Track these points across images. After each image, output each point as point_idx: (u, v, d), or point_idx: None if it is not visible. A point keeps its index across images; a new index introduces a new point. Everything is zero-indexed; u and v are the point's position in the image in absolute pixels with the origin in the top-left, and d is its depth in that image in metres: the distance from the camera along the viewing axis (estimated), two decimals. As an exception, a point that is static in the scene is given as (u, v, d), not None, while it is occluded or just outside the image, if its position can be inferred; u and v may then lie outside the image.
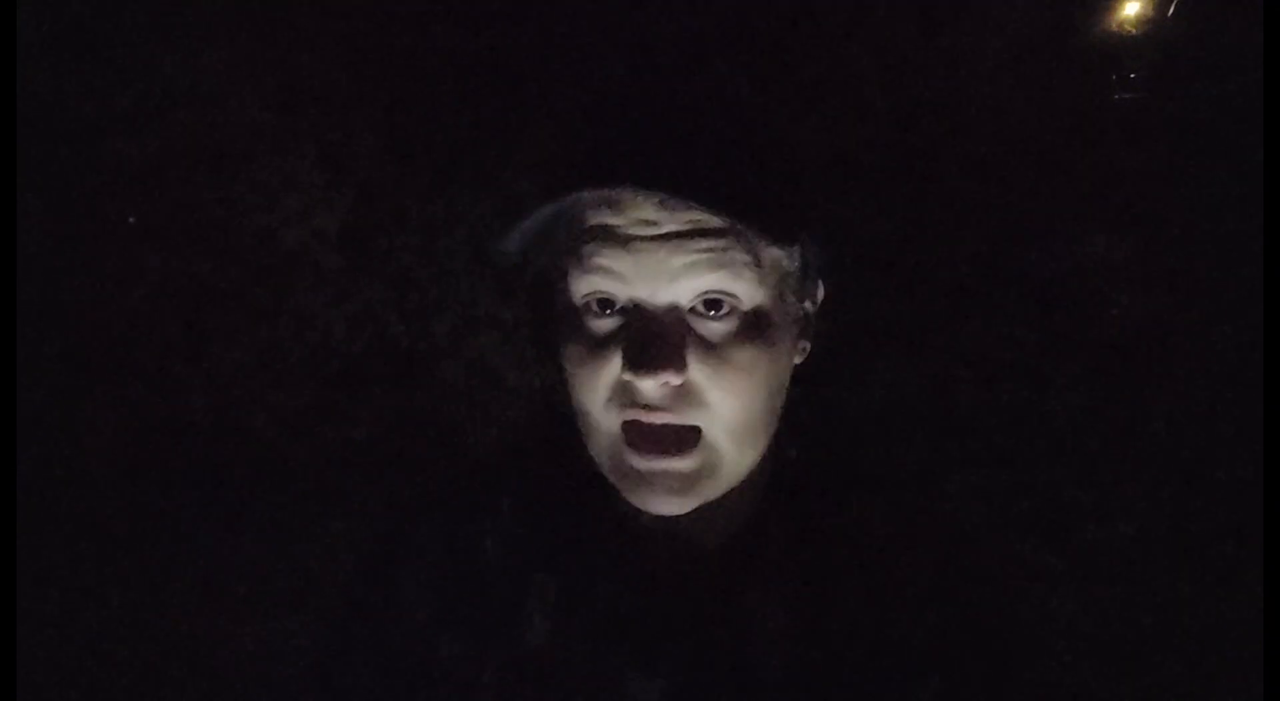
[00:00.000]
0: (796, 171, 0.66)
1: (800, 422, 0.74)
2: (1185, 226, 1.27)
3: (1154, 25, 1.25)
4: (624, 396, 0.58)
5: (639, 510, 0.63)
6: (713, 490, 0.61)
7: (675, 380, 0.57)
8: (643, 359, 0.56)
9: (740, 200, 0.55)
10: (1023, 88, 1.28)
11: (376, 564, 0.71)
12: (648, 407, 0.57)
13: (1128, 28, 1.26)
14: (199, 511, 1.40)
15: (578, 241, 0.59)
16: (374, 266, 1.41)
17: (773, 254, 0.59)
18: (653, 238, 0.57)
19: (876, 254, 1.32)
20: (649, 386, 0.56)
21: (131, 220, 1.39)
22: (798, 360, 0.67)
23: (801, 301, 0.65)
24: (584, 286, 0.59)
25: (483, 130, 1.37)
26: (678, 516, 0.61)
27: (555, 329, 0.64)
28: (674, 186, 0.53)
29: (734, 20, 1.28)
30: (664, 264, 0.56)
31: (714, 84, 0.66)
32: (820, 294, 0.69)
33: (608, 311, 0.59)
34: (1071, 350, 1.31)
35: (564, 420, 0.67)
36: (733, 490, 0.64)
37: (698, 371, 0.58)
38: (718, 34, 1.29)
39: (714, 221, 0.56)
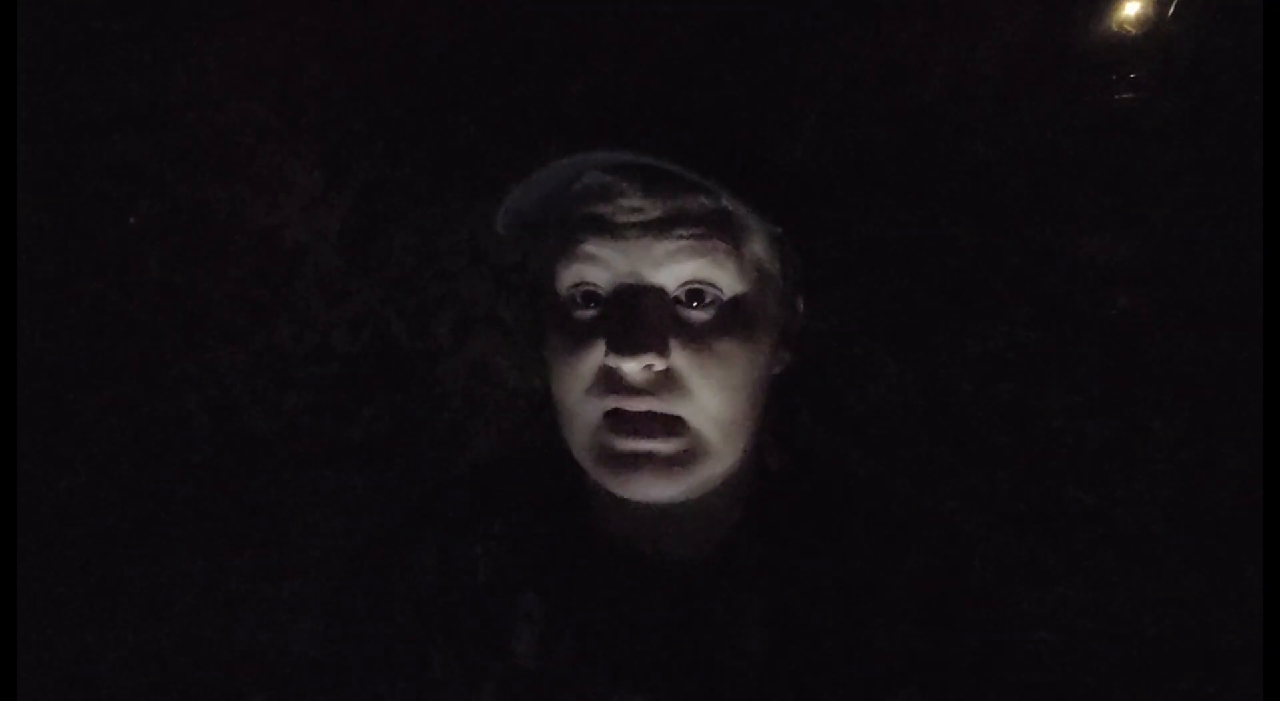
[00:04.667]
0: (785, 154, 0.67)
1: (783, 434, 0.73)
2: (1185, 226, 1.28)
3: (1154, 25, 1.25)
4: (606, 384, 0.58)
5: (620, 511, 0.62)
6: (697, 478, 0.60)
7: (658, 364, 0.57)
8: (625, 341, 0.56)
9: (726, 167, 0.55)
10: (1022, 88, 1.28)
11: (368, 581, 0.71)
12: (630, 393, 0.57)
13: (1128, 28, 1.26)
14: (196, 511, 1.40)
15: (567, 234, 0.60)
16: (374, 266, 1.41)
17: (754, 249, 0.60)
18: (638, 224, 0.57)
19: (875, 253, 1.33)
20: (631, 368, 0.56)
21: (132, 220, 1.39)
22: (777, 370, 0.67)
23: (784, 307, 0.65)
24: (570, 276, 0.60)
25: (482, 130, 1.37)
26: (661, 528, 0.61)
27: (541, 324, 0.65)
28: (662, 148, 0.54)
29: (732, 15, 1.28)
30: (648, 250, 0.57)
31: (707, 71, 0.68)
32: (801, 307, 0.69)
33: (592, 303, 0.59)
34: (1071, 350, 1.31)
35: (554, 427, 0.67)
36: (714, 501, 0.64)
37: (680, 358, 0.58)
38: (715, 28, 1.30)
39: (698, 206, 0.57)
